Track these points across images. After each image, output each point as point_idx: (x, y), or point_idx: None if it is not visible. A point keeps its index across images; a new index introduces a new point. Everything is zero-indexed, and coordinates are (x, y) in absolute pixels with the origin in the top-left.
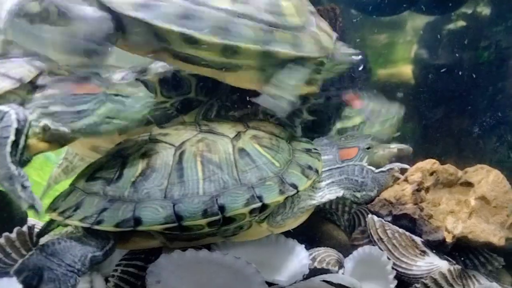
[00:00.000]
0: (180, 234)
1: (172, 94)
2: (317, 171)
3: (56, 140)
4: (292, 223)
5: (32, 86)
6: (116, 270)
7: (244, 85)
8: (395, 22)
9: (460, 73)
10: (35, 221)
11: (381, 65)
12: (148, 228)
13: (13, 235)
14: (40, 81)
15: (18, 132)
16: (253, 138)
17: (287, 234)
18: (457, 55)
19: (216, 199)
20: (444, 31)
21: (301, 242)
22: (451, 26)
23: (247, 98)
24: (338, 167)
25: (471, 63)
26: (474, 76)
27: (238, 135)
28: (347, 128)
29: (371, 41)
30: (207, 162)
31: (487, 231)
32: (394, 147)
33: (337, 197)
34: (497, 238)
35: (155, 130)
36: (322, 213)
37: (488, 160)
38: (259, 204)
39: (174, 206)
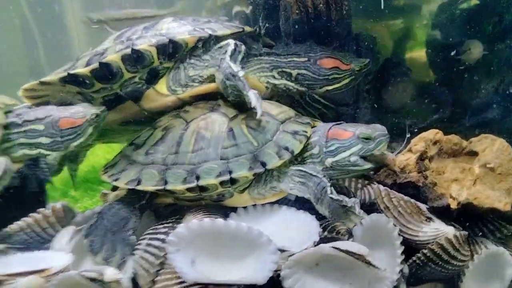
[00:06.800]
0: (174, 195)
1: (137, 69)
2: (292, 152)
3: None
4: (273, 197)
5: None
6: (140, 244)
7: None
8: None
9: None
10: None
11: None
12: (143, 188)
13: (48, 211)
14: None
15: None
16: (244, 119)
17: (299, 206)
18: (464, 32)
19: (195, 170)
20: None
21: (312, 213)
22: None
23: None
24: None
25: (477, 37)
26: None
27: (235, 116)
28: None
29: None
30: (200, 139)
31: (492, 197)
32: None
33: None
34: (502, 204)
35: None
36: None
37: (495, 130)
38: (227, 177)
39: (165, 172)
